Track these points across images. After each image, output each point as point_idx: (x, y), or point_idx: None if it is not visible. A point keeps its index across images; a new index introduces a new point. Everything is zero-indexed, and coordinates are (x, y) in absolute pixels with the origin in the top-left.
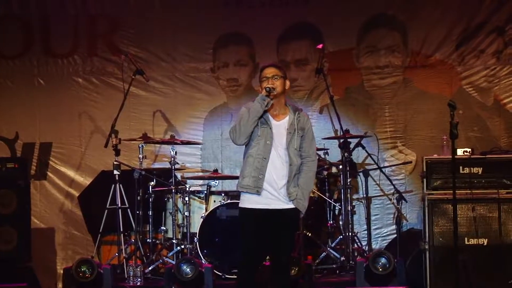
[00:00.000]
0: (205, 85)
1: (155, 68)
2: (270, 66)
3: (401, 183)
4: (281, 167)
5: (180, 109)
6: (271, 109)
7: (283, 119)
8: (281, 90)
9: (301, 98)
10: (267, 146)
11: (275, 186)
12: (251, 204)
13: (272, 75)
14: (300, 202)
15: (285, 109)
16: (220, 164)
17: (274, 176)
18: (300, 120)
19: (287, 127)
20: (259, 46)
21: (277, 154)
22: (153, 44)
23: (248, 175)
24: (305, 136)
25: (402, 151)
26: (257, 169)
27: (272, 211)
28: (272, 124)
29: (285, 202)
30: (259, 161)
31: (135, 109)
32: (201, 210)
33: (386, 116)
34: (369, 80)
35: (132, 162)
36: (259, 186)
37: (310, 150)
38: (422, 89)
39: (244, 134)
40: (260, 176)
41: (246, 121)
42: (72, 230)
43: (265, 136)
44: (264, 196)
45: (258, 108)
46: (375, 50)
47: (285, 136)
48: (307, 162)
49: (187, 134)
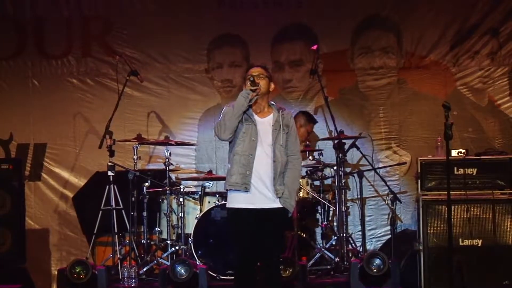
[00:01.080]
0: (200, 86)
1: (149, 69)
2: (257, 66)
3: (395, 184)
4: (267, 164)
5: (175, 110)
6: (254, 106)
7: (267, 116)
8: (265, 89)
9: (295, 99)
10: (253, 142)
11: (263, 182)
12: (238, 203)
13: (258, 74)
14: (287, 201)
15: (269, 108)
16: (214, 165)
17: (260, 172)
18: (284, 117)
19: (272, 123)
20: (253, 47)
21: (263, 150)
22: (147, 45)
23: (235, 172)
24: (289, 134)
25: (396, 152)
26: (243, 165)
27: (259, 210)
28: (256, 121)
29: (273, 199)
30: (245, 158)
31: (130, 110)
32: (195, 211)
33: (380, 117)
34: (363, 81)
35: (127, 163)
36: (247, 183)
37: (294, 148)
38: (416, 90)
39: (229, 128)
40: (247, 172)
41: (231, 115)
42: (67, 231)
43: (250, 133)
44: (252, 193)
45: (242, 101)
46: (370, 51)
47: (270, 132)
48: (292, 160)
49: (182, 135)
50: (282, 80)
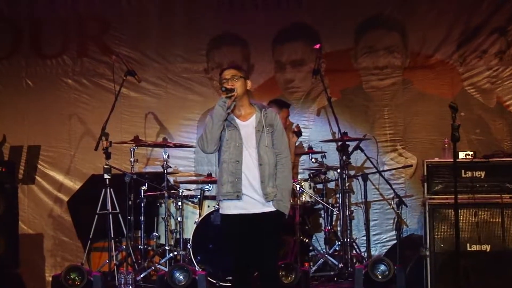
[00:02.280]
0: (198, 87)
1: (147, 69)
2: (229, 68)
3: (401, 188)
4: (254, 168)
5: (173, 111)
6: (235, 111)
7: (250, 118)
8: (242, 90)
9: (297, 100)
10: (238, 148)
11: (252, 187)
12: (231, 209)
13: (232, 76)
14: (281, 204)
15: (251, 109)
16: (214, 168)
17: (249, 178)
18: (267, 116)
19: (255, 125)
20: (254, 47)
21: (249, 154)
22: (145, 44)
23: (226, 181)
24: (274, 133)
25: (402, 154)
26: (232, 173)
27: (253, 216)
28: (239, 125)
29: (265, 204)
30: (233, 165)
31: (127, 111)
32: (194, 216)
33: (385, 118)
34: (367, 81)
35: (123, 166)
36: (238, 190)
37: (281, 146)
38: (422, 91)
39: (211, 141)
40: (237, 180)
41: (211, 127)
42: (61, 236)
43: (233, 138)
44: (244, 200)
45: (220, 111)
46: (374, 51)
47: (254, 135)
48: (280, 160)
49: (180, 137)
50: (284, 81)
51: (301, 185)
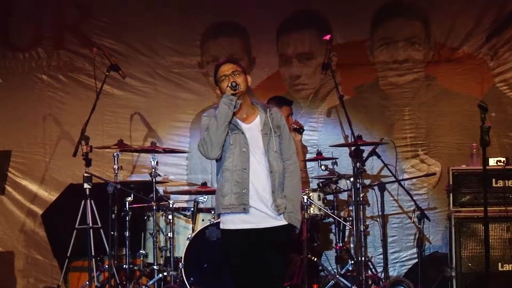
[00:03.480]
0: (192, 83)
1: (133, 63)
2: (226, 62)
3: (423, 199)
4: (264, 177)
5: (163, 111)
6: (238, 112)
7: (254, 120)
8: (245, 87)
9: (305, 99)
10: (244, 154)
11: (263, 199)
12: (235, 224)
13: (232, 72)
14: (292, 216)
15: (253, 109)
16: (209, 177)
17: (259, 188)
18: (273, 117)
19: (260, 128)
20: (255, 38)
21: (258, 161)
22: (131, 35)
23: (229, 192)
24: (282, 136)
25: (424, 160)
26: (238, 183)
27: (262, 230)
28: (243, 128)
29: (276, 217)
30: (239, 174)
31: (110, 111)
32: (187, 231)
33: (405, 120)
34: (385, 77)
35: (106, 174)
36: (245, 203)
37: (289, 151)
38: (447, 88)
39: (216, 144)
40: (244, 191)
41: (216, 128)
42: (35, 254)
43: (238, 143)
44: (252, 213)
45: (226, 110)
46: (392, 42)
47: (260, 139)
48: (289, 166)
49: (171, 141)
50: (289, 76)
51: (309, 196)
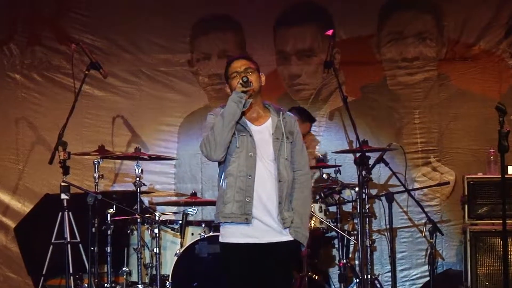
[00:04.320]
0: (180, 83)
1: (115, 61)
2: (239, 58)
3: (435, 211)
4: (271, 185)
5: (148, 114)
6: (247, 112)
7: (265, 122)
8: (258, 86)
9: (305, 100)
10: (251, 159)
11: (268, 210)
12: (236, 237)
13: (244, 69)
14: (299, 232)
15: (265, 110)
16: (199, 186)
17: (264, 198)
18: (287, 122)
19: (272, 131)
20: (250, 33)
21: (265, 168)
22: (113, 30)
23: (231, 200)
24: (294, 143)
25: (436, 168)
26: (241, 190)
27: (265, 246)
28: (252, 130)
29: (281, 231)
30: (243, 180)
31: (90, 114)
32: (175, 246)
33: (415, 123)
34: (393, 76)
35: (85, 183)
36: (248, 213)
37: (302, 160)
38: (462, 88)
39: (221, 144)
40: (247, 199)
41: (221, 127)
42: (7, 271)
43: (245, 146)
44: (254, 225)
45: (235, 108)
46: (401, 38)
47: (271, 143)
48: (299, 177)
49: (157, 147)
50: (288, 75)
51: None
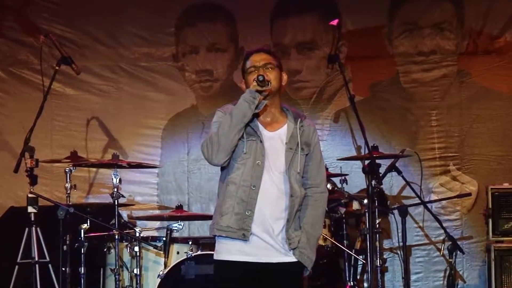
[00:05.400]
0: (164, 80)
1: (89, 55)
2: (260, 51)
3: (455, 226)
4: (277, 200)
5: (127, 115)
6: (262, 114)
7: (279, 128)
8: (277, 85)
9: (306, 100)
10: (257, 168)
11: (270, 228)
12: (232, 255)
13: (264, 64)
14: (305, 254)
15: (282, 115)
16: (186, 198)
17: (267, 214)
18: (304, 131)
19: (285, 140)
20: (244, 23)
21: (272, 180)
22: (87, 19)
23: (229, 211)
24: (311, 156)
25: (456, 178)
26: (242, 202)
27: (264, 266)
28: (263, 136)
29: (284, 252)
30: (246, 191)
31: (61, 115)
32: (158, 266)
33: (432, 126)
34: (407, 72)
35: (55, 195)
36: (246, 228)
37: (318, 176)
38: (486, 86)
39: (224, 148)
40: (248, 213)
41: (228, 128)
42: None
43: (254, 153)
44: (253, 243)
45: (246, 108)
46: (416, 29)
47: (283, 153)
48: (313, 195)
49: (138, 153)
50: (287, 71)
51: None
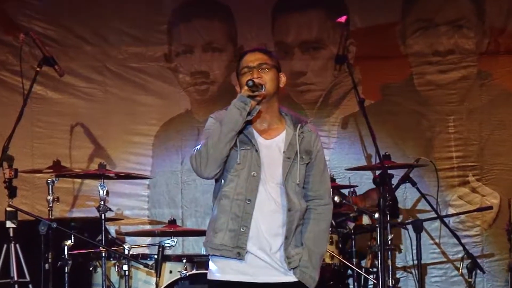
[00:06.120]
0: (156, 82)
1: (74, 55)
2: (255, 51)
3: (475, 243)
4: (274, 215)
5: (115, 121)
6: (256, 120)
7: (277, 136)
8: (273, 88)
9: (311, 104)
10: (253, 180)
11: (267, 245)
12: (225, 274)
13: (258, 64)
14: (307, 273)
15: (280, 120)
16: (179, 212)
17: (264, 230)
18: (304, 137)
19: (283, 149)
20: (243, 20)
21: (268, 193)
22: (72, 16)
23: (223, 228)
24: (313, 165)
25: (476, 189)
26: (236, 217)
27: (261, 286)
28: (259, 144)
29: (283, 271)
30: (240, 205)
31: (42, 121)
32: (149, 287)
33: (450, 133)
34: (422, 74)
35: (36, 209)
36: (242, 246)
37: (321, 187)
38: (508, 89)
39: (214, 159)
40: (243, 229)
41: (218, 138)
42: None
43: (248, 164)
44: (249, 262)
45: (237, 116)
46: (432, 26)
47: (280, 163)
48: (316, 207)
49: (127, 163)
50: (290, 73)
51: None
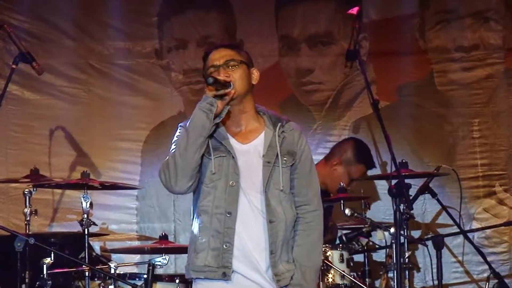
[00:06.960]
0: (145, 82)
1: (54, 51)
2: (219, 47)
3: (502, 260)
4: (259, 227)
5: (100, 125)
6: (228, 123)
7: (255, 138)
8: (244, 87)
9: (319, 106)
10: (232, 190)
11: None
12: None
13: (225, 61)
14: None
15: (257, 121)
16: (171, 226)
17: (249, 245)
18: (285, 137)
19: (262, 152)
20: (244, 12)
21: (249, 203)
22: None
23: (205, 247)
24: (297, 167)
25: (504, 201)
26: (218, 234)
27: None
28: (235, 150)
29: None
30: (220, 220)
31: (18, 124)
32: None
33: (474, 138)
34: (443, 72)
35: (12, 222)
36: (227, 265)
37: (309, 191)
38: None
39: (183, 172)
40: (225, 246)
41: (185, 147)
42: None
43: (225, 172)
44: (235, 282)
45: (203, 120)
46: (455, 18)
47: (260, 169)
48: (305, 215)
49: (112, 171)
50: (296, 71)
51: (326, 256)
